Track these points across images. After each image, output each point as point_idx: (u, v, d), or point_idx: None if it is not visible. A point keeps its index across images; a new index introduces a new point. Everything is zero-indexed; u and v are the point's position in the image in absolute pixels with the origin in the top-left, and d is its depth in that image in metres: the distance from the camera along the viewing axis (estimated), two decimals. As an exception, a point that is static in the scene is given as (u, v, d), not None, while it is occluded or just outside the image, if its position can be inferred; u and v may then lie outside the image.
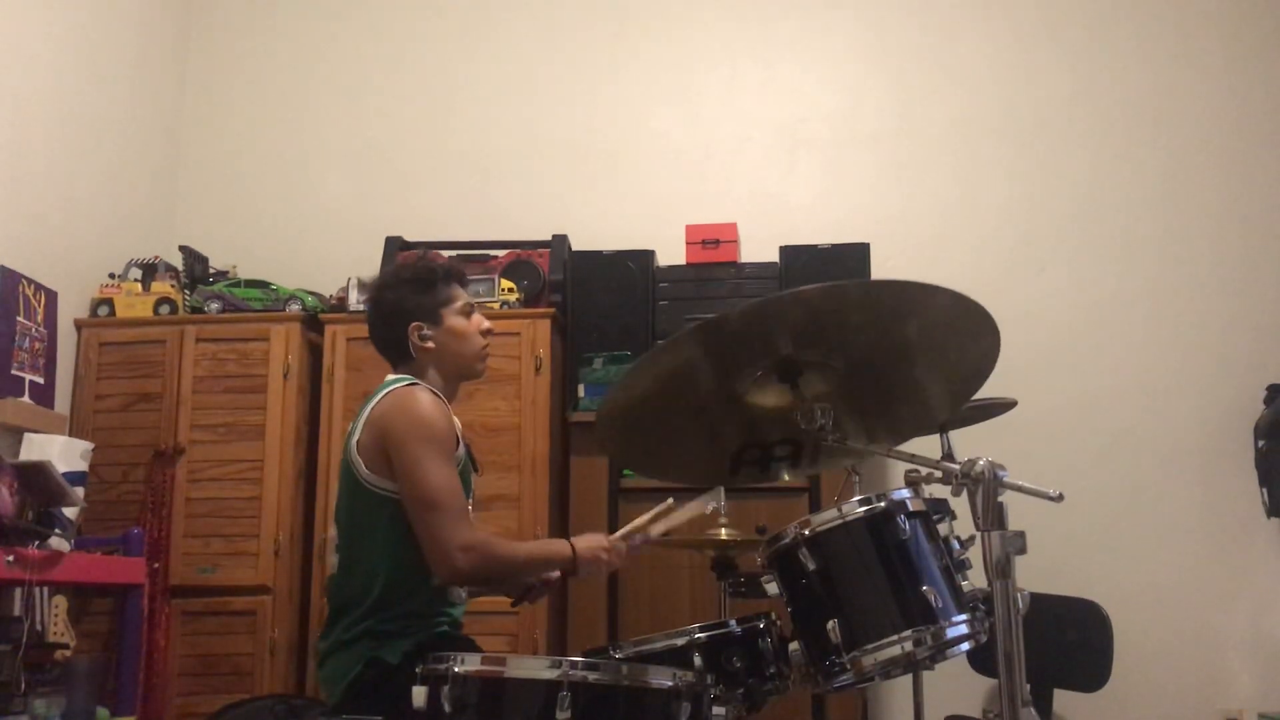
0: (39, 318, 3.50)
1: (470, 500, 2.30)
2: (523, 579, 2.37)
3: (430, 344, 2.30)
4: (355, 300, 3.73)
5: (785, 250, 3.78)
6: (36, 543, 2.77)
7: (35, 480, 2.83)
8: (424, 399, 2.18)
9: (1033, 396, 3.46)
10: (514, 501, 3.50)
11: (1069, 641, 3.11)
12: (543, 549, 2.38)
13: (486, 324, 2.38)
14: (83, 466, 3.33)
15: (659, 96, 4.34)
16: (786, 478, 2.05)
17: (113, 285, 3.79)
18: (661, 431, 1.97)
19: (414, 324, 2.29)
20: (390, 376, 2.29)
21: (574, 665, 1.65)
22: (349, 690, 2.05)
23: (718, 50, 4.35)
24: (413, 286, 2.33)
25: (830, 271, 3.67)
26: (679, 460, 2.21)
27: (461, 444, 2.23)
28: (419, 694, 1.67)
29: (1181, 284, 4.01)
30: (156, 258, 3.88)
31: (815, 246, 3.76)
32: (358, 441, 2.19)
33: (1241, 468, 3.83)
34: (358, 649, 2.07)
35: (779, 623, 1.97)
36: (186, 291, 3.85)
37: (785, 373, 1.85)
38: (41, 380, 3.49)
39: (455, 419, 2.26)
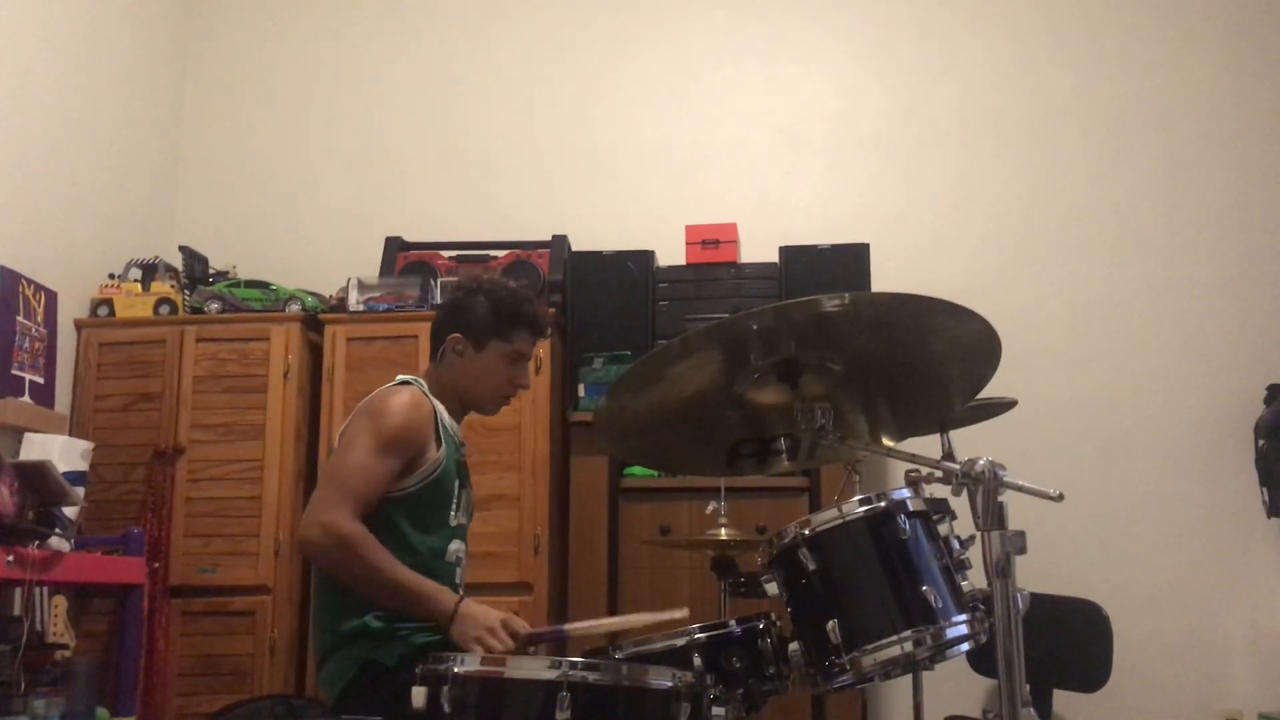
0: (39, 318, 3.49)
1: (461, 514, 2.28)
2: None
3: (459, 359, 2.29)
4: (355, 300, 3.73)
5: (785, 250, 3.78)
6: (36, 543, 2.77)
7: (35, 480, 2.83)
8: (399, 396, 2.18)
9: (1033, 396, 3.46)
10: (514, 501, 3.51)
11: (1069, 641, 3.11)
12: (419, 584, 2.03)
13: (525, 382, 2.34)
14: (83, 466, 3.32)
15: (659, 97, 4.33)
16: (786, 464, 2.04)
17: (113, 285, 3.79)
18: (659, 425, 1.96)
19: (457, 334, 2.29)
20: (398, 376, 2.30)
21: (574, 665, 1.65)
22: (347, 691, 2.06)
23: (717, 50, 4.35)
24: (491, 305, 2.29)
25: (831, 272, 3.67)
26: (676, 453, 2.20)
27: (443, 447, 2.20)
28: (419, 694, 1.66)
29: (1181, 284, 4.01)
30: (156, 258, 3.88)
31: (815, 247, 3.76)
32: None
33: (1241, 468, 3.83)
34: (354, 649, 2.07)
35: (779, 623, 1.97)
36: (186, 292, 3.85)
37: (785, 373, 1.85)
38: (41, 380, 3.49)
39: (447, 422, 2.25)
